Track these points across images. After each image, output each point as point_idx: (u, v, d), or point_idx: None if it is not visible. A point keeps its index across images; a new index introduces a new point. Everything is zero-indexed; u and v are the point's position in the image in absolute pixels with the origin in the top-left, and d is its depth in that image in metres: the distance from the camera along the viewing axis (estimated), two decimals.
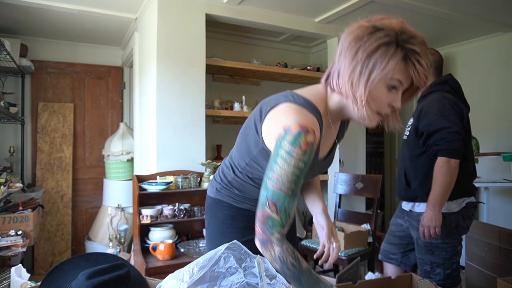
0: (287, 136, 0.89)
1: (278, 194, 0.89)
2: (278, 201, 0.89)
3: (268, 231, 0.89)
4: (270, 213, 0.89)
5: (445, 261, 1.80)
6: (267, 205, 0.90)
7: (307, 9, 2.92)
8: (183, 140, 2.61)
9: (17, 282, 1.32)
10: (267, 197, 0.90)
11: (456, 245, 1.80)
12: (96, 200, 3.79)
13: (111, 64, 3.95)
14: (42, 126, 3.57)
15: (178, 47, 2.61)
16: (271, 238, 0.89)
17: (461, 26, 3.26)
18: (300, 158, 0.88)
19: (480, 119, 3.62)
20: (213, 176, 1.29)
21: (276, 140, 0.92)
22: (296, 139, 0.88)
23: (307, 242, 2.77)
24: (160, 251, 2.18)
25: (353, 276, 1.87)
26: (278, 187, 0.89)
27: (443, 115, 1.74)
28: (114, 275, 0.94)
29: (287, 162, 0.88)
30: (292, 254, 0.90)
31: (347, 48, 0.91)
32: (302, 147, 0.88)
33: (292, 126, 0.89)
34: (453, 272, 1.80)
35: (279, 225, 0.90)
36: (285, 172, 0.88)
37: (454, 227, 1.79)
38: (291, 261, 0.90)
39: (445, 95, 1.81)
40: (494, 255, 2.29)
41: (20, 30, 3.34)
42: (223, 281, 0.84)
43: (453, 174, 1.69)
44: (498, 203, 3.45)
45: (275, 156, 0.91)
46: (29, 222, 2.35)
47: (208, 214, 1.26)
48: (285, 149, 0.89)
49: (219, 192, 1.22)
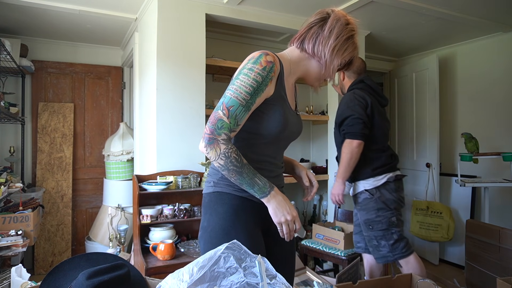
0: (250, 60, 1.10)
1: (233, 101, 1.04)
2: (232, 107, 1.03)
3: (216, 132, 1.03)
4: (221, 116, 1.03)
5: (384, 233, 2.09)
6: (221, 109, 1.04)
7: (307, 9, 2.92)
8: (183, 140, 2.62)
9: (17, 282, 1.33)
10: (223, 102, 1.04)
11: (389, 216, 2.10)
12: (96, 200, 3.79)
13: (111, 64, 3.95)
14: (42, 126, 3.57)
15: (178, 47, 2.61)
16: (218, 138, 1.03)
17: (461, 26, 3.26)
18: (259, 73, 1.06)
19: (480, 119, 3.62)
20: (207, 176, 1.28)
21: (241, 67, 1.10)
22: (257, 59, 1.09)
23: (307, 242, 2.77)
24: (160, 251, 2.18)
25: (353, 276, 1.88)
26: (235, 95, 1.04)
27: (348, 106, 2.13)
28: (114, 275, 0.94)
29: (247, 75, 1.06)
30: (235, 151, 1.04)
31: (335, 27, 1.19)
32: (262, 63, 1.08)
33: (255, 53, 1.11)
34: (396, 242, 2.07)
35: (227, 128, 1.03)
36: (244, 84, 1.05)
37: (382, 201, 2.11)
38: (234, 156, 1.03)
39: (355, 91, 2.19)
40: (494, 255, 2.29)
41: (21, 30, 3.34)
42: (223, 281, 0.84)
43: (353, 152, 2.09)
44: (498, 203, 3.45)
45: (238, 74, 1.09)
46: (29, 222, 2.35)
47: (208, 212, 1.19)
48: (247, 67, 1.08)
49: (218, 185, 1.19)
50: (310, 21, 1.23)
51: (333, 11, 1.23)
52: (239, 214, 1.15)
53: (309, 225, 3.48)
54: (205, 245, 1.16)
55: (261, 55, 1.09)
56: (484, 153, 3.11)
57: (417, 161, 4.02)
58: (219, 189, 1.18)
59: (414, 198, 4.01)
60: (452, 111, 3.87)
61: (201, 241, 1.19)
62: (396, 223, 2.10)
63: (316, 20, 1.22)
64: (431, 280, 1.54)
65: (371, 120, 2.13)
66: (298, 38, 1.24)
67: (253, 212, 1.17)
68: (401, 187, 2.21)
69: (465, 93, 3.77)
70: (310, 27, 1.22)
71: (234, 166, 1.04)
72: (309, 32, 1.21)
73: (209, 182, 1.23)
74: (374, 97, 2.19)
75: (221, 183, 1.18)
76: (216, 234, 1.13)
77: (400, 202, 2.16)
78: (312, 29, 1.21)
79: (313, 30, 1.21)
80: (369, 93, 2.18)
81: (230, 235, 1.10)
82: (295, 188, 3.74)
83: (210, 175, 1.24)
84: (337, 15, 1.21)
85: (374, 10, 2.90)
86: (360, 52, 3.48)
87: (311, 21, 1.23)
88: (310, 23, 1.22)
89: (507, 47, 3.42)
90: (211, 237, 1.14)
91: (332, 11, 1.23)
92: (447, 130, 3.90)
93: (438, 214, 3.57)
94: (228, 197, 1.16)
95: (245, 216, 1.16)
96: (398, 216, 2.12)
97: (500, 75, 3.48)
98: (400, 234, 2.10)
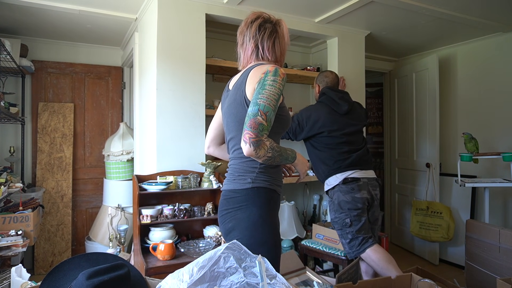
0: (268, 73, 1.28)
1: (268, 107, 1.23)
2: (268, 112, 1.22)
3: (260, 134, 1.20)
4: (261, 121, 1.21)
5: (341, 233, 2.32)
6: (259, 115, 1.21)
7: (307, 9, 2.92)
8: (183, 140, 2.62)
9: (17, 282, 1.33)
10: (259, 110, 1.22)
11: (344, 218, 2.29)
12: (96, 200, 3.79)
13: (111, 64, 3.95)
14: (42, 126, 3.57)
15: (178, 47, 2.61)
16: (263, 138, 1.21)
17: (461, 26, 3.26)
18: (281, 83, 1.28)
19: (480, 119, 3.62)
20: (233, 174, 1.41)
21: (258, 80, 1.29)
22: (275, 72, 1.28)
23: (307, 242, 2.77)
24: (160, 251, 2.18)
25: (353, 276, 1.88)
26: (267, 103, 1.23)
27: (299, 113, 2.50)
28: (114, 275, 0.94)
29: (273, 86, 1.26)
30: (273, 141, 1.25)
31: (280, 31, 1.45)
32: (281, 75, 1.29)
33: (269, 67, 1.30)
34: (350, 241, 2.27)
35: (266, 129, 1.22)
36: (272, 93, 1.25)
37: (337, 203, 2.31)
38: (275, 145, 1.26)
39: (315, 103, 2.57)
40: (494, 255, 2.29)
41: (20, 30, 3.34)
42: (223, 281, 0.84)
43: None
44: (498, 203, 3.45)
45: (262, 86, 1.26)
46: (29, 222, 2.35)
47: (244, 205, 1.34)
48: (270, 79, 1.27)
49: (255, 181, 1.35)
50: (268, 33, 1.43)
51: (254, 20, 1.45)
52: (271, 205, 1.37)
53: (309, 225, 3.48)
54: (242, 233, 1.31)
55: (277, 69, 1.29)
56: (484, 153, 3.11)
57: (417, 161, 4.02)
58: (257, 184, 1.35)
59: (414, 198, 4.01)
60: (452, 111, 3.87)
61: (234, 233, 1.33)
62: (350, 224, 2.27)
63: (263, 29, 1.42)
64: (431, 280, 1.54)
65: (313, 128, 2.39)
66: (270, 52, 1.44)
67: (277, 201, 1.43)
68: (359, 188, 2.31)
69: (465, 93, 3.77)
70: (274, 39, 1.44)
71: (277, 152, 1.26)
72: (274, 43, 1.44)
73: (244, 179, 1.37)
74: (330, 108, 2.44)
75: (258, 180, 1.36)
76: (255, 222, 1.31)
77: (356, 203, 2.28)
78: (276, 40, 1.44)
79: (270, 39, 1.43)
80: (326, 104, 2.45)
81: (266, 222, 1.33)
82: (295, 188, 3.74)
83: (244, 173, 1.37)
84: (251, 18, 1.46)
85: (374, 10, 2.90)
86: (360, 52, 3.48)
87: (268, 34, 1.43)
88: (272, 36, 1.44)
89: (507, 47, 3.42)
90: (249, 226, 1.31)
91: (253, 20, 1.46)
92: (447, 130, 3.90)
93: (438, 214, 3.57)
94: (264, 191, 1.36)
95: (275, 205, 1.40)
96: (352, 218, 2.27)
97: (500, 75, 3.48)
98: (353, 233, 2.27)
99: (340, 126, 2.38)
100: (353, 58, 3.42)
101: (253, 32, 1.41)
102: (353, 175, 2.32)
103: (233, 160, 1.43)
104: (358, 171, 2.35)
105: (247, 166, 1.38)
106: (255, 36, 1.41)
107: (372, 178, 2.41)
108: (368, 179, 2.37)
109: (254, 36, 1.41)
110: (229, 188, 1.40)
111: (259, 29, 1.41)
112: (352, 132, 2.42)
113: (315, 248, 2.68)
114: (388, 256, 2.21)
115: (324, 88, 2.54)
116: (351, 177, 2.32)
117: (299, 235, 3.13)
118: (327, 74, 2.62)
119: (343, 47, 3.36)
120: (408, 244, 4.17)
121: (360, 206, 2.28)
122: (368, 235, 2.28)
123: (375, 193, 2.40)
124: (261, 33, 1.41)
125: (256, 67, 1.35)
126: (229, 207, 1.37)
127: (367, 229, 2.29)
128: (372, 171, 2.46)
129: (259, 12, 1.46)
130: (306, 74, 3.33)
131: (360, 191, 2.30)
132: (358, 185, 2.31)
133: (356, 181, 2.32)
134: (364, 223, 2.28)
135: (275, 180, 1.40)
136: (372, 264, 2.22)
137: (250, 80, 1.32)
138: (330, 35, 3.30)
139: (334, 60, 3.36)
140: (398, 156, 4.42)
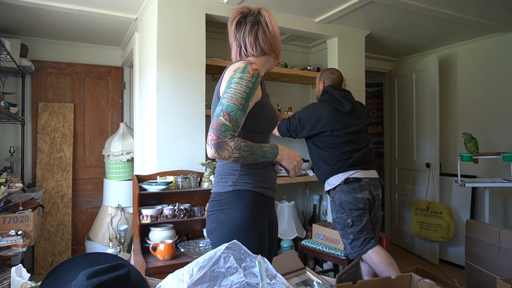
0: (238, 70, 1.23)
1: (232, 107, 1.17)
2: (231, 112, 1.17)
3: (222, 135, 1.15)
4: (224, 121, 1.16)
5: (343, 233, 2.31)
6: (221, 115, 1.16)
7: (307, 9, 2.92)
8: (183, 140, 2.62)
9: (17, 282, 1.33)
10: (221, 110, 1.17)
11: (345, 218, 2.27)
12: (96, 200, 3.79)
13: (111, 64, 3.95)
14: (42, 126, 3.57)
15: (178, 47, 2.61)
16: (225, 139, 1.15)
17: (461, 26, 3.26)
18: (250, 79, 1.21)
19: (480, 119, 3.62)
20: (218, 176, 1.39)
21: (228, 78, 1.24)
22: (244, 69, 1.23)
23: (307, 242, 2.77)
24: (160, 251, 2.18)
25: (353, 276, 1.88)
26: (232, 102, 1.17)
27: (301, 111, 2.48)
28: (114, 275, 0.94)
29: (239, 84, 1.20)
30: (241, 140, 1.19)
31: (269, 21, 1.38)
32: (250, 72, 1.22)
33: (240, 64, 1.25)
34: (352, 242, 2.26)
35: (231, 130, 1.16)
36: (238, 91, 1.19)
37: (339, 203, 2.30)
38: (243, 144, 1.19)
39: (318, 102, 2.52)
40: (494, 255, 2.29)
41: (20, 30, 3.34)
42: (223, 281, 0.84)
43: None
44: (498, 203, 3.45)
45: (229, 84, 1.21)
46: (29, 222, 2.35)
47: (226, 208, 1.30)
48: (237, 77, 1.21)
49: (237, 184, 1.31)
50: (248, 28, 1.36)
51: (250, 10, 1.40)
52: (256, 209, 1.31)
53: (309, 225, 3.48)
54: (222, 236, 1.27)
55: (247, 65, 1.24)
56: (484, 153, 3.11)
57: (417, 161, 4.02)
58: (238, 187, 1.31)
59: (414, 198, 4.01)
60: (452, 111, 3.87)
61: (215, 234, 1.31)
62: (351, 224, 2.25)
63: (243, 25, 1.37)
64: (431, 280, 1.54)
65: (315, 127, 2.37)
66: (252, 47, 1.38)
67: (265, 205, 1.36)
68: (361, 188, 2.29)
69: (465, 93, 3.77)
70: (256, 33, 1.37)
71: (246, 152, 1.20)
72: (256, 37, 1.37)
73: (226, 182, 1.33)
74: (332, 106, 2.40)
75: (240, 182, 1.31)
76: (236, 226, 1.27)
77: (357, 204, 2.26)
78: (258, 33, 1.37)
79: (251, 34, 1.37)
80: (328, 103, 2.41)
81: (250, 226, 1.27)
82: (295, 188, 3.74)
83: (226, 175, 1.34)
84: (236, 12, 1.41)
85: (374, 10, 2.90)
86: (360, 52, 3.48)
87: (249, 28, 1.36)
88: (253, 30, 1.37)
89: (507, 47, 3.42)
90: (231, 229, 1.27)
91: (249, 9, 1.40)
92: (447, 130, 3.90)
93: (438, 214, 3.57)
94: (248, 194, 1.30)
95: (262, 209, 1.34)
96: (354, 218, 2.26)
97: (500, 75, 3.47)
98: (355, 234, 2.25)
99: (343, 126, 2.36)
100: (353, 58, 3.42)
101: (233, 31, 1.39)
102: (354, 175, 2.31)
103: (217, 162, 1.42)
104: (360, 171, 2.33)
105: (228, 169, 1.34)
106: (236, 35, 1.39)
107: (374, 178, 2.38)
108: (370, 179, 2.35)
109: (235, 35, 1.39)
110: (214, 190, 1.38)
111: (238, 27, 1.38)
112: (354, 131, 2.40)
113: (315, 248, 2.68)
114: (390, 259, 2.19)
115: (327, 86, 2.50)
116: (352, 177, 2.30)
117: (299, 235, 3.13)
118: (333, 71, 2.58)
119: (343, 47, 3.36)
120: (408, 244, 4.18)
121: (361, 207, 2.27)
122: (370, 235, 2.27)
123: (377, 193, 2.38)
124: (241, 30, 1.37)
125: (231, 65, 1.32)
126: (213, 208, 1.35)
127: (369, 230, 2.27)
128: (375, 171, 2.44)
129: (238, 8, 1.41)
130: (306, 74, 3.33)
131: (361, 191, 2.29)
132: (360, 185, 2.29)
133: (358, 181, 2.30)
134: (365, 223, 2.26)
135: (262, 183, 1.34)
136: (373, 266, 2.21)
137: (224, 79, 1.29)
138: (330, 35, 3.30)
139: (334, 60, 3.36)
140: (398, 156, 4.42)
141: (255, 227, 1.29)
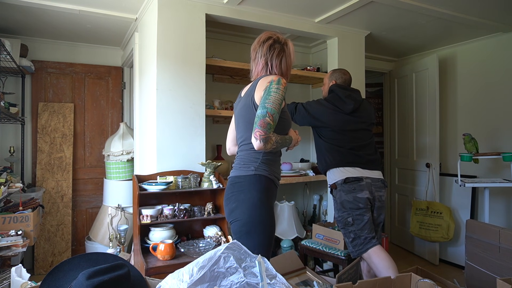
0: (273, 82, 1.56)
1: (273, 110, 1.51)
2: (274, 114, 1.51)
3: (268, 131, 1.49)
4: (269, 121, 1.49)
5: (344, 232, 2.35)
6: (267, 116, 1.49)
7: (307, 9, 2.92)
8: (183, 140, 2.62)
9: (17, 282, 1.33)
10: (267, 112, 1.49)
11: (346, 217, 2.31)
12: (96, 200, 3.79)
13: (111, 64, 3.95)
14: (42, 126, 3.57)
15: (178, 47, 2.61)
16: (270, 134, 1.50)
17: (461, 26, 3.26)
18: (284, 90, 1.57)
19: (480, 119, 3.62)
20: (240, 163, 1.67)
21: (265, 88, 1.56)
22: (279, 81, 1.57)
23: (307, 242, 2.77)
24: (160, 251, 2.18)
25: (353, 276, 1.88)
26: (273, 106, 1.51)
27: (309, 101, 2.56)
28: (114, 275, 0.94)
29: (277, 92, 1.54)
30: (276, 134, 1.56)
31: (290, 54, 1.74)
32: (283, 84, 1.57)
33: (274, 77, 1.59)
34: (353, 241, 2.29)
35: (272, 128, 1.51)
36: (277, 98, 1.53)
37: (340, 202, 2.34)
38: (278, 137, 1.57)
39: (322, 98, 2.58)
40: (494, 255, 2.29)
41: (20, 30, 3.34)
42: (223, 281, 0.84)
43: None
44: (498, 203, 3.45)
45: (269, 92, 1.54)
46: (29, 222, 2.35)
47: (246, 189, 1.59)
48: (275, 87, 1.55)
49: (258, 169, 1.61)
50: (276, 53, 1.70)
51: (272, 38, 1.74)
52: (269, 191, 1.62)
53: (309, 225, 3.48)
54: (243, 212, 1.56)
55: (280, 79, 1.58)
56: (484, 153, 3.11)
57: (417, 161, 4.02)
58: (259, 172, 1.60)
59: (414, 198, 4.01)
60: (452, 111, 3.87)
61: (236, 212, 1.59)
62: (352, 223, 2.29)
63: (272, 49, 1.70)
64: (431, 280, 1.54)
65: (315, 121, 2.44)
66: (276, 67, 1.71)
67: (274, 191, 1.68)
68: (361, 188, 2.30)
69: (465, 93, 3.77)
70: (281, 58, 1.71)
71: (280, 144, 1.58)
72: (281, 61, 1.71)
73: (248, 167, 1.62)
74: (334, 106, 2.42)
75: (260, 168, 1.61)
76: (255, 204, 1.56)
77: (358, 203, 2.28)
78: (283, 58, 1.72)
79: (278, 58, 1.71)
80: (331, 103, 2.45)
81: (265, 205, 1.58)
82: (295, 188, 3.74)
83: (248, 162, 1.64)
84: (263, 37, 1.75)
85: (374, 10, 2.90)
86: (360, 52, 3.48)
87: (277, 53, 1.70)
88: (280, 55, 1.71)
89: (507, 47, 3.42)
90: (249, 207, 1.56)
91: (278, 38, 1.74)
92: (447, 130, 3.90)
93: (438, 214, 3.57)
94: (265, 179, 1.61)
95: (272, 192, 1.64)
96: (354, 217, 2.29)
97: (500, 75, 3.48)
98: (355, 232, 2.28)
99: (344, 125, 2.38)
100: (353, 58, 3.42)
101: (264, 51, 1.69)
102: (355, 174, 2.31)
103: (240, 152, 1.70)
104: (361, 169, 2.33)
105: (251, 157, 1.64)
106: (266, 55, 1.69)
107: (377, 179, 2.35)
108: (372, 180, 2.32)
109: (265, 54, 1.69)
110: (235, 174, 1.66)
111: (269, 49, 1.69)
112: (356, 130, 2.41)
113: (315, 248, 2.68)
114: (389, 260, 2.17)
115: (332, 86, 2.52)
116: (353, 177, 2.31)
117: (299, 235, 3.13)
118: (345, 72, 2.60)
119: (343, 47, 3.36)
120: (408, 244, 4.17)
121: (361, 206, 2.27)
122: (371, 235, 2.26)
123: (379, 194, 2.35)
124: (271, 52, 1.68)
125: (263, 77, 1.64)
126: (234, 190, 1.62)
127: (370, 229, 2.27)
128: (379, 171, 2.41)
129: (270, 33, 1.73)
130: (306, 74, 3.32)
131: (362, 191, 2.28)
132: (360, 185, 2.29)
133: (358, 180, 2.30)
134: (366, 222, 2.26)
135: (274, 172, 1.66)
136: (372, 266, 2.21)
137: (258, 88, 1.60)
138: (330, 35, 3.30)
139: (334, 60, 3.36)
140: (398, 156, 4.42)
141: (269, 207, 1.59)
